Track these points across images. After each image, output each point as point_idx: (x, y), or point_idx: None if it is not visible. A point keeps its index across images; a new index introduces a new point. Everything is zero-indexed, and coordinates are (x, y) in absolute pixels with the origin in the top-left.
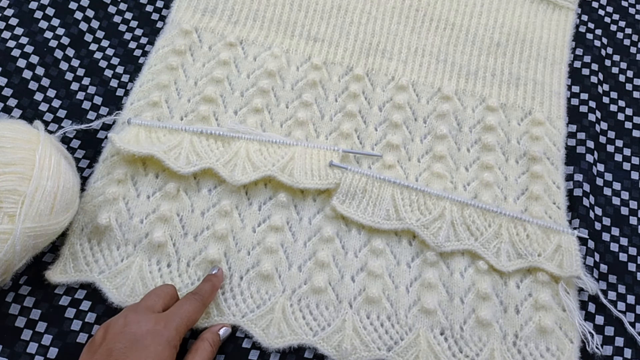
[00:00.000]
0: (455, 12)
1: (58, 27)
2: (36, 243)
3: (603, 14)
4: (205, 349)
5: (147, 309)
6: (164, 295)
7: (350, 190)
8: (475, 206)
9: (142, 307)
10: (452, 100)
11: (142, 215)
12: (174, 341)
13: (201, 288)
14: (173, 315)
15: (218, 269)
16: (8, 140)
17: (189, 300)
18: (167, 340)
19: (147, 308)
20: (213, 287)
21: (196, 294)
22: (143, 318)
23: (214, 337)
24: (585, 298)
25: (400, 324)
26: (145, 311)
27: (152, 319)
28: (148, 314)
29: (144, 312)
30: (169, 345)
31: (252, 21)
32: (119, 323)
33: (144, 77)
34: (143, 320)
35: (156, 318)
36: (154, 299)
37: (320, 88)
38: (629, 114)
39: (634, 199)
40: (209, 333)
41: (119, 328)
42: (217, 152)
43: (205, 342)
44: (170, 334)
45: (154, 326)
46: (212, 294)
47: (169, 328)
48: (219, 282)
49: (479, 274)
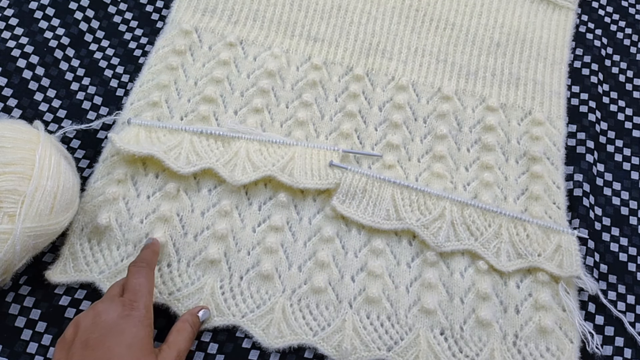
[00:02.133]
0: (455, 12)
1: (58, 27)
2: (36, 243)
3: (603, 14)
4: (185, 329)
5: (111, 297)
6: (117, 282)
7: (350, 190)
8: (475, 206)
9: (106, 297)
10: (452, 100)
11: (142, 215)
12: (147, 319)
13: (142, 256)
14: (135, 294)
15: (151, 240)
16: (8, 140)
17: (137, 272)
18: (140, 320)
19: (109, 296)
20: (154, 252)
21: (140, 263)
22: (110, 306)
23: (193, 318)
24: (585, 298)
25: (400, 324)
26: (109, 298)
27: (119, 304)
28: (113, 300)
29: (108, 299)
30: (142, 324)
31: (252, 21)
32: (89, 316)
33: (144, 77)
34: (111, 308)
35: (122, 302)
36: (113, 288)
37: (320, 88)
38: (629, 114)
39: (634, 199)
40: (189, 315)
41: (90, 320)
42: (217, 152)
43: (185, 324)
44: (141, 313)
45: (123, 310)
46: (154, 257)
47: (138, 308)
48: (157, 247)
49: (479, 274)
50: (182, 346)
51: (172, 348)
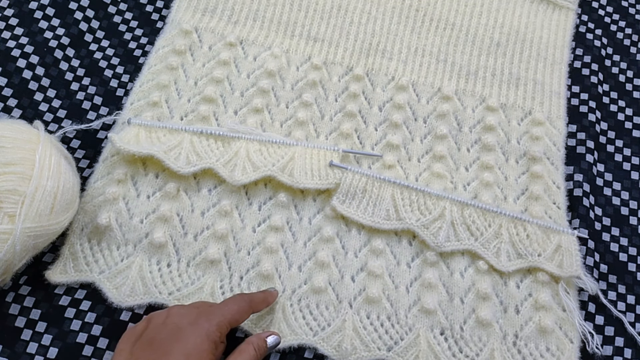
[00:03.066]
0: (455, 12)
1: (58, 27)
2: (36, 243)
3: (603, 14)
4: (248, 352)
5: (193, 305)
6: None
7: (350, 190)
8: (475, 206)
9: (189, 304)
10: (452, 100)
11: (142, 215)
12: (214, 336)
13: (253, 293)
14: (216, 311)
15: (274, 289)
16: (8, 140)
17: (236, 300)
18: (207, 334)
19: (193, 304)
20: (265, 299)
21: (245, 296)
22: (186, 312)
23: (259, 342)
24: (585, 298)
25: (400, 324)
26: (190, 306)
27: (194, 313)
28: (192, 308)
29: (188, 307)
30: (208, 338)
31: (252, 21)
32: (162, 315)
33: (144, 77)
34: (186, 314)
35: (198, 312)
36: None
37: (320, 88)
38: (629, 114)
39: (634, 199)
40: (256, 337)
41: (162, 319)
42: (217, 152)
43: (250, 346)
44: (211, 328)
45: (196, 319)
46: (261, 303)
47: (210, 323)
48: (272, 298)
49: (479, 274)
50: None
51: None
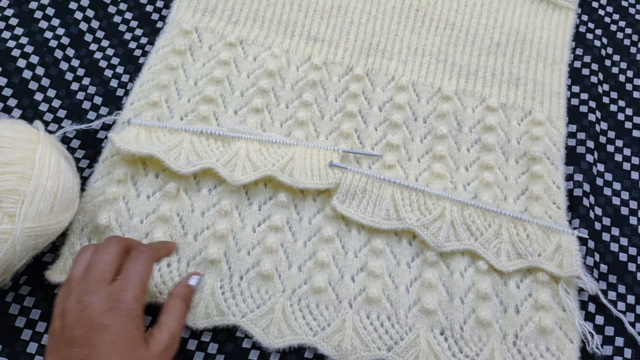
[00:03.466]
0: (455, 12)
1: (58, 27)
2: (36, 243)
3: (603, 14)
4: (177, 305)
5: (99, 283)
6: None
7: (350, 190)
8: (475, 206)
9: (92, 282)
10: (452, 100)
11: (142, 215)
12: (135, 311)
13: (150, 244)
14: (125, 283)
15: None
16: (8, 140)
17: (135, 258)
18: (127, 314)
19: (96, 282)
20: (165, 248)
21: (143, 247)
22: (95, 298)
23: (184, 290)
24: (585, 298)
25: (400, 324)
26: (97, 286)
27: (104, 296)
28: (99, 289)
29: (94, 288)
30: (129, 317)
31: (252, 21)
32: (73, 309)
33: (144, 77)
34: (96, 300)
35: (109, 292)
36: (101, 268)
37: (320, 88)
38: (629, 114)
39: (634, 199)
40: (179, 287)
41: (75, 314)
42: (217, 152)
43: (177, 299)
44: (128, 304)
45: (109, 303)
46: (161, 251)
47: (126, 300)
48: (172, 246)
49: (479, 274)
50: (174, 327)
51: (164, 330)
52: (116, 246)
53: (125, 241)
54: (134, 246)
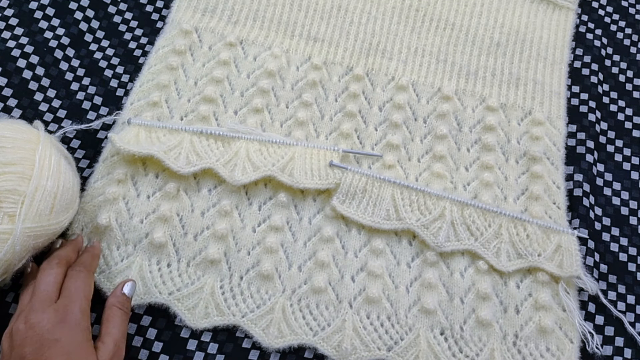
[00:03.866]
0: (455, 12)
1: (58, 27)
2: (36, 243)
3: (603, 14)
4: (115, 315)
5: (43, 303)
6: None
7: (350, 190)
8: (475, 206)
9: (37, 302)
10: (452, 100)
11: (142, 215)
12: (83, 322)
13: (82, 260)
14: (69, 299)
15: (94, 241)
16: (8, 140)
17: (74, 277)
18: (76, 325)
19: (42, 302)
20: (93, 255)
21: (78, 266)
22: (42, 316)
23: (119, 299)
24: (585, 298)
25: (400, 324)
26: (41, 305)
27: (51, 312)
28: (45, 307)
29: (40, 307)
30: (78, 328)
31: (252, 21)
32: (21, 329)
33: (144, 77)
34: (43, 318)
35: (55, 309)
36: (44, 288)
37: (320, 88)
38: (629, 114)
39: (634, 199)
40: (113, 297)
41: (23, 333)
42: (217, 152)
43: (113, 308)
44: (75, 317)
45: (55, 317)
46: (93, 261)
47: (72, 312)
48: (97, 250)
49: (479, 274)
50: (116, 335)
51: (107, 340)
52: (56, 266)
53: (65, 257)
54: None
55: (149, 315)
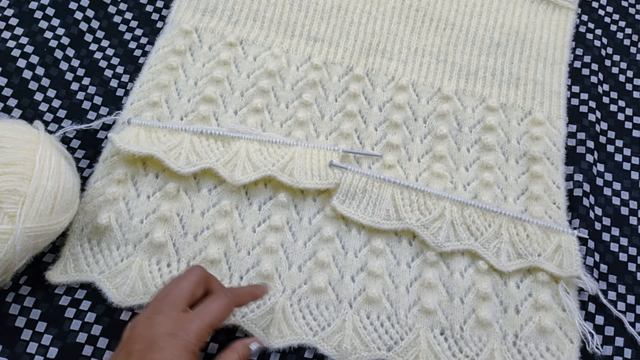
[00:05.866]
0: (455, 12)
1: (58, 27)
2: (36, 243)
3: (603, 14)
4: (231, 358)
5: (172, 306)
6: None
7: (350, 190)
8: (475, 206)
9: (166, 303)
10: (452, 100)
11: (142, 215)
12: (192, 346)
13: (237, 289)
14: (195, 317)
15: (265, 284)
16: (8, 140)
17: (217, 299)
18: (185, 345)
19: (171, 304)
20: (251, 293)
21: (228, 292)
22: (164, 320)
23: (244, 350)
24: (585, 298)
25: (400, 324)
26: (169, 309)
27: (172, 321)
28: (171, 313)
29: (167, 310)
30: (185, 350)
31: (252, 21)
32: (144, 324)
33: (144, 77)
34: (163, 322)
35: (177, 320)
36: (177, 293)
37: (320, 88)
38: (629, 114)
39: (634, 199)
40: (240, 345)
41: (141, 329)
42: (217, 152)
43: (234, 353)
44: (189, 338)
45: (173, 329)
46: (246, 297)
47: (189, 332)
48: (260, 291)
49: (479, 274)
50: None
51: None
52: (197, 276)
53: (207, 275)
54: (216, 287)
55: None
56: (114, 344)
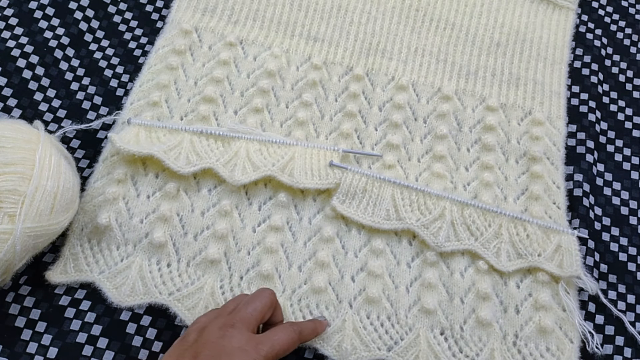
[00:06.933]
0: (455, 12)
1: (58, 27)
2: (36, 243)
3: (603, 14)
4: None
5: (245, 324)
6: (263, 307)
7: (350, 190)
8: (475, 206)
9: (239, 319)
10: (452, 100)
11: (142, 215)
12: None
13: (304, 323)
14: (266, 341)
15: (324, 318)
16: (8, 140)
17: (286, 330)
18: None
19: (244, 322)
20: (314, 330)
21: (296, 326)
22: (237, 334)
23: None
24: (585, 298)
25: (400, 324)
26: (242, 325)
27: (245, 337)
28: (243, 330)
29: (240, 326)
30: None
31: (252, 21)
32: (215, 333)
33: (144, 77)
34: (236, 337)
35: (249, 338)
36: (250, 311)
37: (320, 88)
38: (629, 114)
39: (634, 198)
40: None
41: (213, 337)
42: (217, 152)
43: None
44: (258, 356)
45: (245, 345)
46: (311, 334)
47: (259, 352)
48: (322, 328)
49: (479, 274)
50: None
51: None
52: (269, 299)
53: (276, 301)
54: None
55: (149, 315)
56: (113, 344)
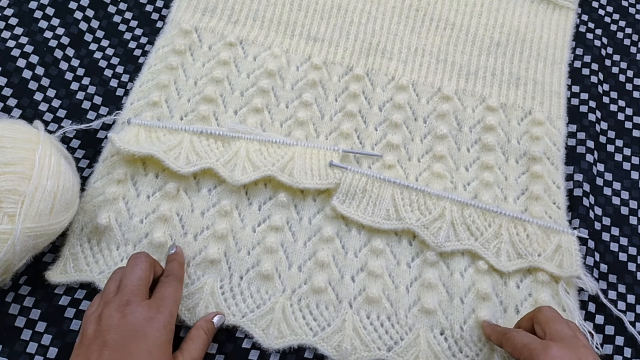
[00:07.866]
0: (455, 12)
1: (58, 27)
2: (36, 243)
3: (603, 14)
4: (200, 336)
5: (137, 295)
6: (144, 272)
7: (350, 190)
8: (475, 206)
9: (130, 293)
10: (452, 100)
11: (142, 215)
12: (170, 325)
13: (171, 268)
14: (162, 300)
15: (175, 247)
16: (8, 140)
17: (168, 283)
18: (164, 325)
19: (136, 293)
20: (180, 264)
21: (170, 275)
22: (137, 308)
23: (208, 325)
24: (585, 298)
25: (400, 324)
26: (136, 297)
27: (145, 308)
28: (139, 301)
29: (134, 299)
30: (165, 329)
31: (252, 21)
32: (115, 316)
33: (144, 77)
34: (137, 310)
35: (148, 305)
36: (137, 283)
37: (320, 88)
38: (629, 113)
39: (634, 198)
40: (203, 321)
41: (115, 320)
42: (217, 152)
43: (200, 330)
44: (166, 318)
45: (148, 313)
46: (181, 269)
47: (164, 312)
48: (182, 257)
49: (479, 274)
50: (195, 354)
51: (186, 356)
52: (145, 261)
53: (153, 260)
54: (159, 270)
55: None
56: None
